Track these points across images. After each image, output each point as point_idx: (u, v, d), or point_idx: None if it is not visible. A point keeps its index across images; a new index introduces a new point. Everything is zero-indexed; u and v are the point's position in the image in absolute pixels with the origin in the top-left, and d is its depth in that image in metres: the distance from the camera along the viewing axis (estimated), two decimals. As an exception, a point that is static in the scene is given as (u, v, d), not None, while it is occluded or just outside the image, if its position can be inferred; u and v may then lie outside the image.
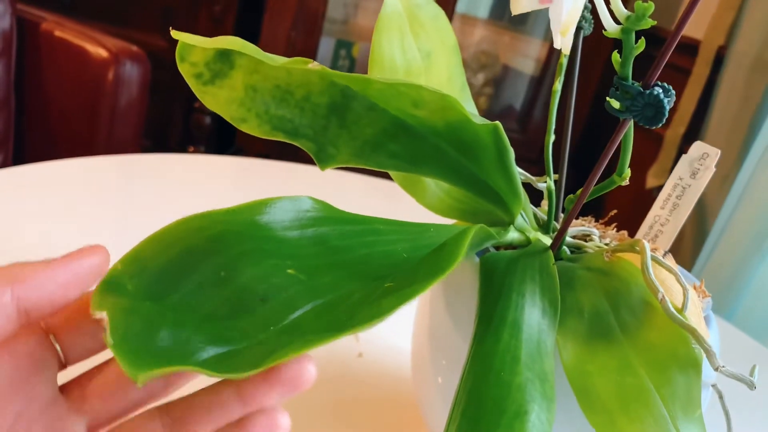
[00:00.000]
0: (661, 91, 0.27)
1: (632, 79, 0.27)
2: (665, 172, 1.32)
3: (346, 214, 0.28)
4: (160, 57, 1.50)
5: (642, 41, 0.27)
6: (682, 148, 1.31)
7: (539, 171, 0.36)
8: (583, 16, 0.34)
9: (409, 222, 0.30)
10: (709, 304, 0.33)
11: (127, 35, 1.33)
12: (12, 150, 1.08)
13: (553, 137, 0.34)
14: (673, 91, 0.28)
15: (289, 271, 0.26)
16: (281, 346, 0.22)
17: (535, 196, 0.37)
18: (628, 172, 0.30)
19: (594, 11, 0.29)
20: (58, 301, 0.23)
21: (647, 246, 0.31)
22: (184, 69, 0.27)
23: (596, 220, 0.39)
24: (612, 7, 0.26)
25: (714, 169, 0.34)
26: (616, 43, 0.26)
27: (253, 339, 0.23)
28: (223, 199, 0.72)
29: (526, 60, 1.70)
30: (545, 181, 0.35)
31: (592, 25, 0.34)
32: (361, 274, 0.27)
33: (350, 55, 1.65)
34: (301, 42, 1.52)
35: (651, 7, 0.26)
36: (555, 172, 0.35)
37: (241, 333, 0.23)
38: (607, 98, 0.27)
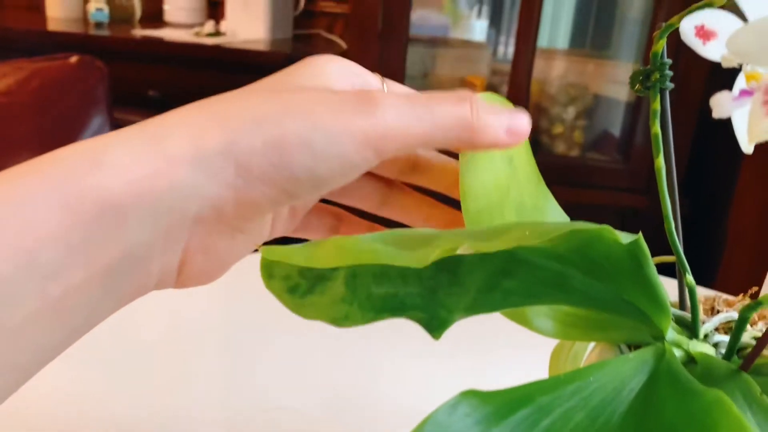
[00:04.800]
0: None
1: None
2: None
3: (500, 398, 0.23)
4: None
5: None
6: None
7: (649, 200, 0.31)
8: (664, 75, 0.29)
9: (563, 379, 0.25)
10: None
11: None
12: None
13: (673, 223, 0.29)
14: None
15: None
16: None
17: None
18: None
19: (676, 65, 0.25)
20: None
21: None
22: (274, 287, 0.23)
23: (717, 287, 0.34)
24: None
25: None
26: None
27: None
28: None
29: (617, 86, 1.63)
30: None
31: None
32: None
33: (434, 109, 1.63)
34: (384, 103, 1.51)
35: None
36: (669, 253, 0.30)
37: None
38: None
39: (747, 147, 0.21)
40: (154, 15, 1.91)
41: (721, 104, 0.18)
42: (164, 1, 1.88)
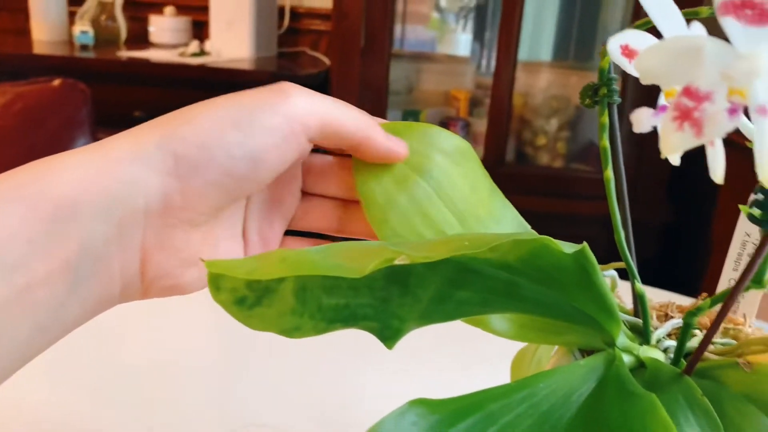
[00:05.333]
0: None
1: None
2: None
3: (450, 406, 0.24)
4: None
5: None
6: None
7: (632, 209, 0.32)
8: (613, 90, 0.31)
9: (514, 386, 0.26)
10: None
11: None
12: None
13: (623, 232, 0.30)
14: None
15: None
16: None
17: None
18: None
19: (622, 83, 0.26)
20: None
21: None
22: (221, 299, 0.23)
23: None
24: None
25: None
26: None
27: None
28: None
29: (599, 97, 1.64)
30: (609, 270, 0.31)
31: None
32: None
33: (419, 123, 1.64)
34: (369, 119, 1.52)
35: None
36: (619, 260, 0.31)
37: None
38: (746, 209, 0.23)
39: (673, 159, 0.22)
40: (139, 36, 1.92)
41: (641, 120, 0.19)
42: (149, 22, 1.90)
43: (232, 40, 1.71)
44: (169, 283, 0.29)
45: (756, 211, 0.21)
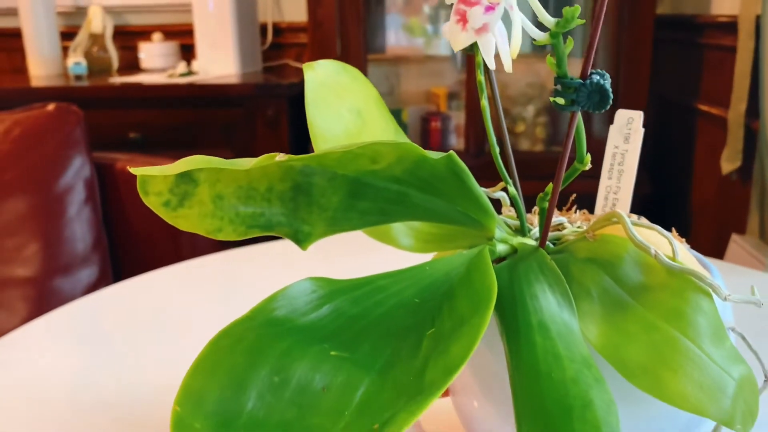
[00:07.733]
0: (599, 77, 0.29)
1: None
2: (738, 154, 1.27)
3: (346, 282, 0.30)
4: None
5: (570, 40, 0.29)
6: (749, 126, 1.27)
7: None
8: None
9: (404, 269, 0.32)
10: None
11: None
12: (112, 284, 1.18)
13: (497, 148, 0.36)
14: (608, 74, 0.30)
15: (332, 353, 0.27)
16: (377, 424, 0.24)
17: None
18: (588, 157, 0.32)
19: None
20: None
21: (623, 214, 0.32)
22: (150, 202, 0.28)
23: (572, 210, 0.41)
24: (539, 18, 0.29)
25: (643, 130, 0.36)
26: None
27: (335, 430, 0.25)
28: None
29: (572, 81, 1.70)
30: (500, 190, 0.37)
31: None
32: (392, 331, 0.29)
33: (401, 122, 1.71)
34: (352, 121, 1.59)
35: (577, 10, 0.28)
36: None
37: (320, 429, 0.25)
38: (552, 98, 0.30)
39: (489, 63, 0.28)
40: (130, 64, 2.01)
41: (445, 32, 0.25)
42: (139, 49, 1.98)
43: (218, 59, 1.78)
44: None
45: (560, 100, 0.28)
